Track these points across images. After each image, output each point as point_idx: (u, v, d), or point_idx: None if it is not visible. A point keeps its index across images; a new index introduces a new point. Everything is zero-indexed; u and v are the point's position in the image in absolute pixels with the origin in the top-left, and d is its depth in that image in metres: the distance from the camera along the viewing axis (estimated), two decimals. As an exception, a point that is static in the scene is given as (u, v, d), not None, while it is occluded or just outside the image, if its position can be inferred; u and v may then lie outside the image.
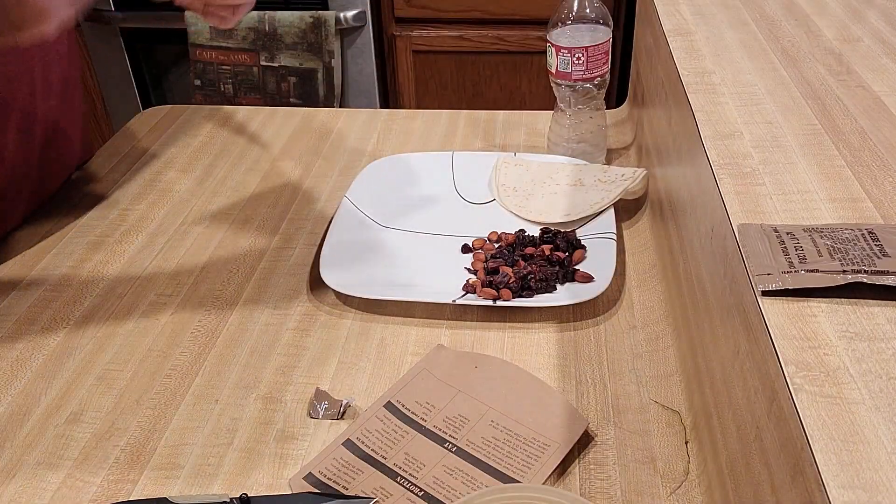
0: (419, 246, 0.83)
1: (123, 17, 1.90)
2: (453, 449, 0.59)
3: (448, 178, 0.92)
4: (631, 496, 0.55)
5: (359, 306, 0.75)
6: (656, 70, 0.86)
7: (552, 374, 0.66)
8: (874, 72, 0.69)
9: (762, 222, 0.50)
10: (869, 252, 0.45)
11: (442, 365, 0.66)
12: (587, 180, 0.87)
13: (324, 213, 0.90)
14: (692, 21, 0.82)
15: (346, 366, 0.68)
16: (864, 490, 0.33)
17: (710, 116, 0.64)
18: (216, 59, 1.86)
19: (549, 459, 0.57)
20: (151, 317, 0.75)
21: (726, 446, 0.51)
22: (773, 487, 0.41)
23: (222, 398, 0.66)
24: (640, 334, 0.70)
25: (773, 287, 0.44)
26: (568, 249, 0.79)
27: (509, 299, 0.72)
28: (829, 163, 0.56)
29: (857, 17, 0.80)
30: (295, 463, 0.59)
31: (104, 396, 0.66)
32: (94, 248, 0.86)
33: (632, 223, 0.85)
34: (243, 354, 0.70)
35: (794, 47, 0.75)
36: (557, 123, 0.94)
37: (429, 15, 1.82)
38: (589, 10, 0.87)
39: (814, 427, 0.36)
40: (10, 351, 0.72)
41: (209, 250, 0.84)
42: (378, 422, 0.62)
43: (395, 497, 0.56)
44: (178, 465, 0.60)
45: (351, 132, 1.07)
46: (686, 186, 0.67)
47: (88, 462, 0.60)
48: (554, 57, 0.88)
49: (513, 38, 1.81)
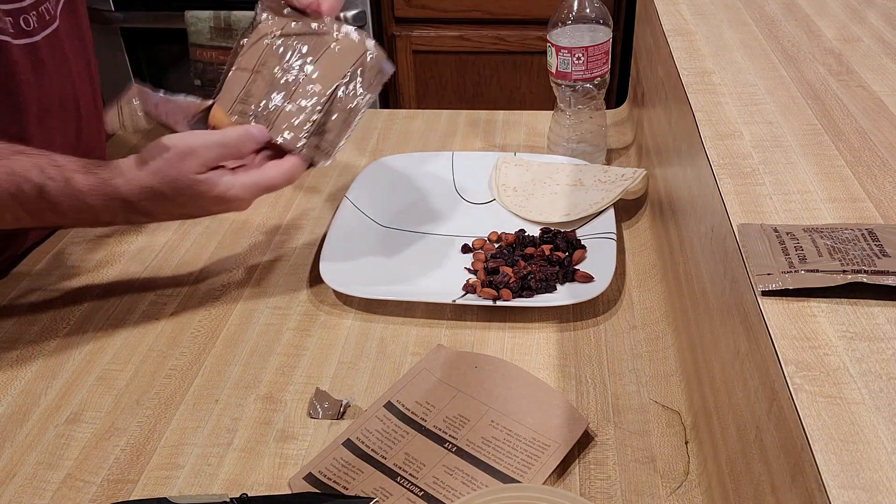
0: (419, 246, 0.83)
1: (123, 17, 1.90)
2: (453, 449, 0.59)
3: (448, 178, 0.92)
4: (631, 496, 0.55)
5: (359, 306, 0.75)
6: (656, 70, 0.86)
7: (552, 374, 0.66)
8: (874, 72, 0.68)
9: (762, 222, 0.50)
10: (869, 252, 0.45)
11: (442, 365, 0.66)
12: (587, 180, 0.87)
13: (324, 213, 0.90)
14: (692, 21, 0.82)
15: (346, 366, 0.68)
16: (864, 490, 0.33)
17: (710, 116, 0.64)
18: (216, 59, 1.86)
19: (549, 459, 0.57)
20: (151, 317, 0.75)
21: (726, 446, 0.51)
22: (773, 487, 0.41)
23: (222, 398, 0.66)
24: (640, 334, 0.70)
25: (773, 287, 0.44)
26: (568, 249, 0.79)
27: (509, 299, 0.72)
28: (829, 163, 0.56)
29: (857, 17, 0.80)
30: (295, 463, 0.59)
31: (104, 396, 0.66)
32: (94, 248, 0.86)
33: (632, 223, 0.85)
34: (243, 354, 0.70)
35: (794, 47, 0.74)
36: (557, 123, 0.94)
37: (429, 15, 1.82)
38: (589, 10, 0.87)
39: (814, 427, 0.36)
40: (10, 351, 0.72)
41: (209, 250, 0.84)
42: (378, 422, 0.62)
43: (395, 497, 0.56)
44: (178, 465, 0.60)
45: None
46: (686, 186, 0.67)
47: (88, 462, 0.60)
48: (554, 57, 0.88)
49: (513, 38, 1.81)
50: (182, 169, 0.64)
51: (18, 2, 0.75)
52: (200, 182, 0.64)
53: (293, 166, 0.68)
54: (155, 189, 0.64)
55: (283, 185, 0.69)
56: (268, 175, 0.68)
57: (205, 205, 0.66)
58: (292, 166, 0.68)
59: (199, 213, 0.69)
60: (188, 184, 0.64)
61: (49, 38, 0.79)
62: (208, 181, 0.65)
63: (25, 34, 0.76)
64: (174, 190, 0.64)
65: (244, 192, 0.66)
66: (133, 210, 0.66)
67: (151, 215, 0.67)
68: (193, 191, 0.65)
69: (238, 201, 0.67)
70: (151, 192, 0.64)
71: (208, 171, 0.65)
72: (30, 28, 0.76)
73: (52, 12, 0.80)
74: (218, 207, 0.67)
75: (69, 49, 0.83)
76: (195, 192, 0.65)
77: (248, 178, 0.67)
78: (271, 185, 0.68)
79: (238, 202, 0.67)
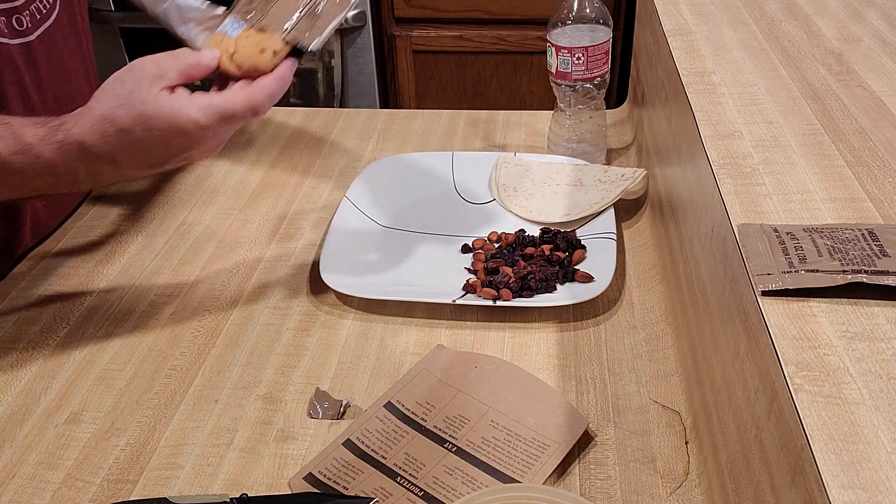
0: (419, 246, 0.83)
1: (123, 17, 1.90)
2: (453, 449, 0.59)
3: (448, 178, 0.92)
4: (631, 496, 0.55)
5: (359, 306, 0.75)
6: (656, 70, 0.86)
7: (552, 374, 0.66)
8: (874, 72, 0.68)
9: (762, 222, 0.50)
10: (869, 252, 0.45)
11: (442, 365, 0.66)
12: (587, 180, 0.87)
13: (324, 213, 0.90)
14: (692, 21, 0.82)
15: (346, 366, 0.68)
16: (864, 490, 0.33)
17: (710, 116, 0.64)
18: (216, 58, 1.86)
19: (549, 459, 0.57)
20: (151, 317, 0.75)
21: (726, 446, 0.51)
22: (773, 487, 0.41)
23: (222, 398, 0.66)
24: (640, 334, 0.70)
25: (773, 287, 0.44)
26: (568, 249, 0.79)
27: (509, 299, 0.72)
28: (829, 163, 0.56)
29: (857, 17, 0.80)
30: (295, 463, 0.59)
31: (104, 396, 0.66)
32: (94, 248, 0.86)
33: (632, 223, 0.85)
34: (243, 354, 0.70)
35: (794, 47, 0.74)
36: (557, 123, 0.94)
37: (429, 15, 1.82)
38: (589, 10, 0.87)
39: (814, 427, 0.36)
40: (10, 351, 0.72)
41: (209, 250, 0.84)
42: (378, 422, 0.62)
43: (395, 497, 0.56)
44: (178, 465, 0.60)
45: (351, 132, 1.07)
46: (686, 186, 0.67)
47: (88, 462, 0.60)
48: (554, 57, 0.88)
49: (513, 38, 1.81)
50: (132, 85, 0.58)
51: (11, 1, 0.74)
52: (153, 99, 0.58)
53: (254, 91, 0.60)
54: (106, 117, 0.58)
55: (246, 113, 0.60)
56: (225, 97, 0.60)
57: (164, 136, 0.59)
58: (253, 90, 0.60)
59: (163, 151, 0.61)
60: (141, 101, 0.58)
61: (44, 37, 0.79)
62: (160, 99, 0.58)
63: (19, 34, 0.76)
64: (127, 114, 0.58)
65: (201, 114, 0.58)
66: (91, 156, 0.60)
67: (113, 161, 0.61)
68: (147, 111, 0.58)
69: (197, 129, 0.59)
70: (104, 124, 0.58)
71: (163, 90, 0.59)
72: (23, 28, 0.76)
73: (49, 6, 0.79)
74: (178, 139, 0.60)
75: (65, 46, 0.82)
76: (149, 112, 0.58)
77: (202, 99, 0.59)
78: (230, 109, 0.59)
79: (197, 131, 0.59)
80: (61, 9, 0.81)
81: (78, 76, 0.86)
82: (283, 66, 0.62)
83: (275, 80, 0.61)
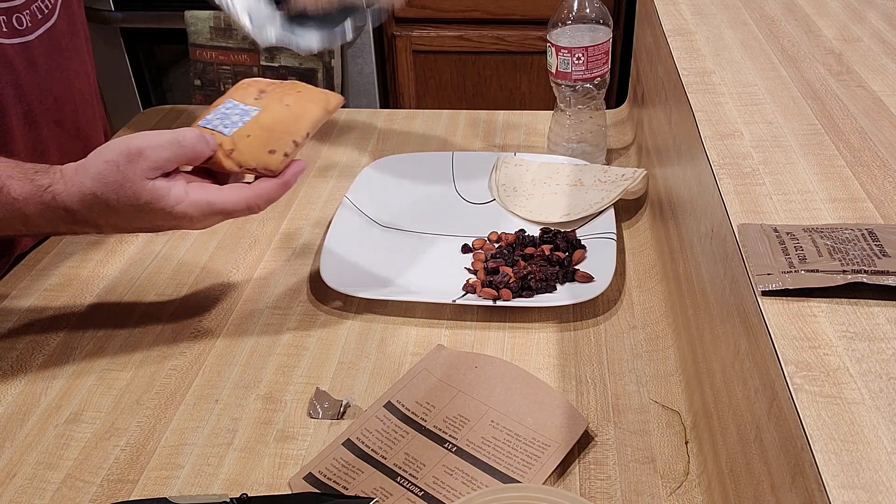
0: (419, 246, 0.83)
1: (123, 17, 1.90)
2: (453, 449, 0.59)
3: (448, 178, 0.92)
4: (631, 496, 0.55)
5: (359, 306, 0.75)
6: (656, 70, 0.86)
7: (552, 374, 0.66)
8: (874, 72, 0.68)
9: (762, 222, 0.50)
10: (869, 252, 0.45)
11: (442, 365, 0.66)
12: (587, 180, 0.87)
13: (324, 213, 0.90)
14: (692, 21, 0.82)
15: (346, 366, 0.68)
16: (864, 490, 0.33)
17: (710, 116, 0.64)
18: (216, 59, 1.86)
19: (549, 459, 0.57)
20: (151, 317, 0.75)
21: (726, 446, 0.51)
22: (773, 487, 0.41)
23: (222, 398, 0.66)
24: (640, 334, 0.70)
25: (773, 287, 0.44)
26: (568, 249, 0.79)
27: (509, 299, 0.72)
28: (829, 163, 0.56)
29: (857, 17, 0.80)
30: (295, 463, 0.59)
31: (104, 396, 0.66)
32: (94, 248, 0.86)
33: (632, 223, 0.85)
34: (243, 354, 0.70)
35: (794, 47, 0.75)
36: (557, 123, 0.94)
37: (429, 15, 1.82)
38: (589, 10, 0.87)
39: (814, 427, 0.36)
40: (11, 351, 0.72)
41: (209, 250, 0.84)
42: (378, 422, 0.62)
43: (395, 497, 0.56)
44: (178, 465, 0.60)
45: (351, 132, 1.07)
46: (686, 186, 0.67)
47: (88, 462, 0.60)
48: (554, 57, 0.88)
49: (513, 38, 1.81)
50: (128, 173, 0.57)
51: (10, 0, 0.74)
52: (146, 190, 0.58)
53: (256, 194, 0.61)
54: (98, 196, 0.58)
55: (242, 213, 0.61)
56: (225, 197, 0.60)
57: (153, 218, 0.59)
58: (255, 194, 0.61)
59: (148, 227, 0.61)
60: (134, 192, 0.57)
61: (44, 37, 0.79)
62: (155, 190, 0.58)
63: (18, 33, 0.76)
64: (119, 198, 0.57)
65: (195, 209, 0.59)
66: (75, 220, 0.60)
67: (97, 227, 0.61)
68: (139, 200, 0.58)
69: (188, 219, 0.60)
70: (94, 200, 0.58)
71: (159, 178, 0.58)
72: (23, 27, 0.76)
73: (51, 7, 0.79)
74: (167, 223, 0.60)
75: (65, 46, 0.82)
76: (141, 201, 0.58)
77: (201, 195, 0.60)
78: (227, 209, 0.60)
79: (189, 220, 0.60)
80: (62, 10, 0.81)
81: (78, 76, 0.86)
82: (289, 172, 0.63)
83: (279, 188, 0.63)
